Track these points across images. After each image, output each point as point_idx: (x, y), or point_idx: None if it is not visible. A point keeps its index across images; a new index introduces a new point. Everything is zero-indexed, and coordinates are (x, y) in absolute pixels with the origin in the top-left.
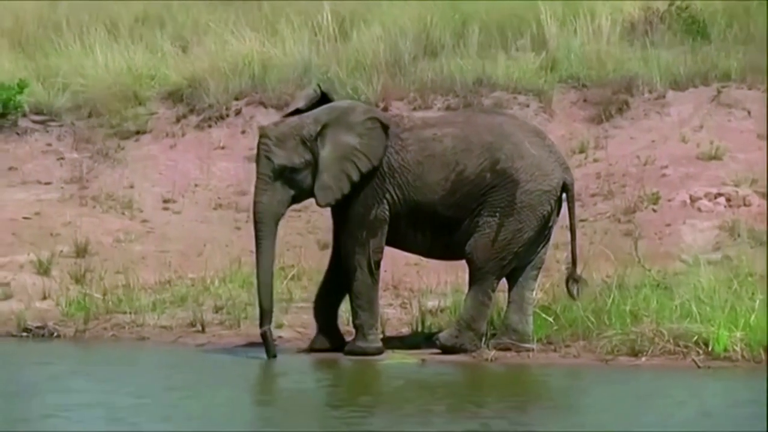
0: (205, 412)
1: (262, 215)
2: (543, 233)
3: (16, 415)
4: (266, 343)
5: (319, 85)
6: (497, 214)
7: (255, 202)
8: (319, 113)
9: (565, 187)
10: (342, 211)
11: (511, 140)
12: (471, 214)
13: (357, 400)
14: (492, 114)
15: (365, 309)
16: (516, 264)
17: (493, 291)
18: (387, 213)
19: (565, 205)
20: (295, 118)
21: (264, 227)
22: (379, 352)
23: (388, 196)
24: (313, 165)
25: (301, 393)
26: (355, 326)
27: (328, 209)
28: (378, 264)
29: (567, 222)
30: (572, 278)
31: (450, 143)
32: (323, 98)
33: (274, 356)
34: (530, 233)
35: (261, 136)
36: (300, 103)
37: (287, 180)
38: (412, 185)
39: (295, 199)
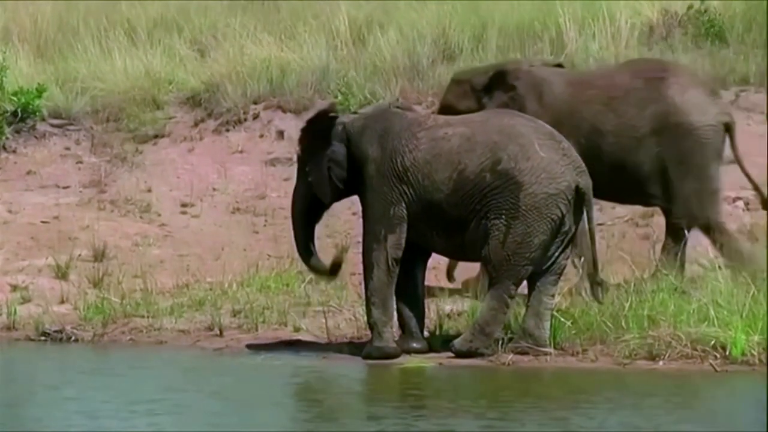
0: (226, 414)
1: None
2: (557, 238)
3: (32, 416)
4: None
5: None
6: (503, 216)
7: None
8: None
9: (579, 191)
10: (363, 209)
11: (518, 141)
12: (477, 214)
13: (373, 404)
14: (509, 115)
15: (378, 306)
16: (534, 269)
17: (510, 297)
18: (405, 211)
19: None
20: None
21: (292, 217)
22: (396, 352)
23: (404, 196)
24: None
25: (311, 398)
26: (369, 325)
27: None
28: (396, 261)
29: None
30: (594, 282)
31: (456, 142)
32: None
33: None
34: (541, 237)
35: None
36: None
37: (303, 175)
38: (422, 184)
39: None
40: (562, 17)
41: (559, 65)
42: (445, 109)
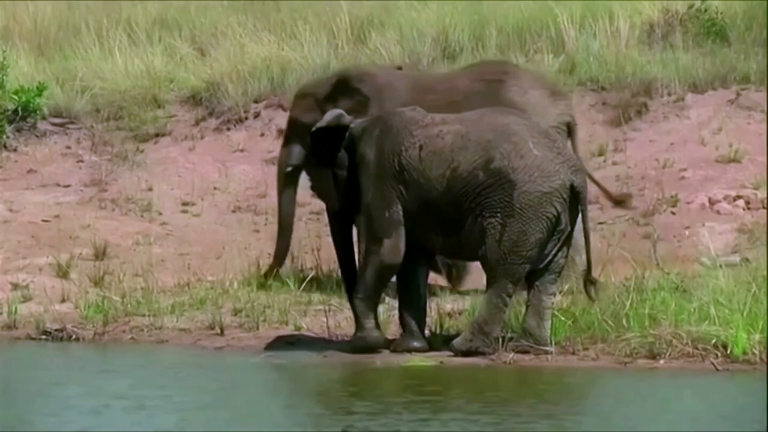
0: (227, 413)
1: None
2: (553, 236)
3: (32, 415)
4: None
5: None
6: (498, 215)
7: None
8: None
9: (574, 190)
10: (361, 210)
11: (511, 139)
12: (471, 213)
13: (373, 402)
14: (504, 113)
15: (363, 299)
16: (531, 267)
17: (509, 295)
18: (401, 212)
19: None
20: None
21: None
22: (378, 340)
23: (400, 196)
24: None
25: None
26: (354, 318)
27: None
28: (392, 266)
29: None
30: (588, 281)
31: (450, 140)
32: None
33: None
34: (537, 235)
35: None
36: None
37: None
38: (416, 182)
39: None
40: (562, 16)
41: (399, 68)
42: (293, 124)
